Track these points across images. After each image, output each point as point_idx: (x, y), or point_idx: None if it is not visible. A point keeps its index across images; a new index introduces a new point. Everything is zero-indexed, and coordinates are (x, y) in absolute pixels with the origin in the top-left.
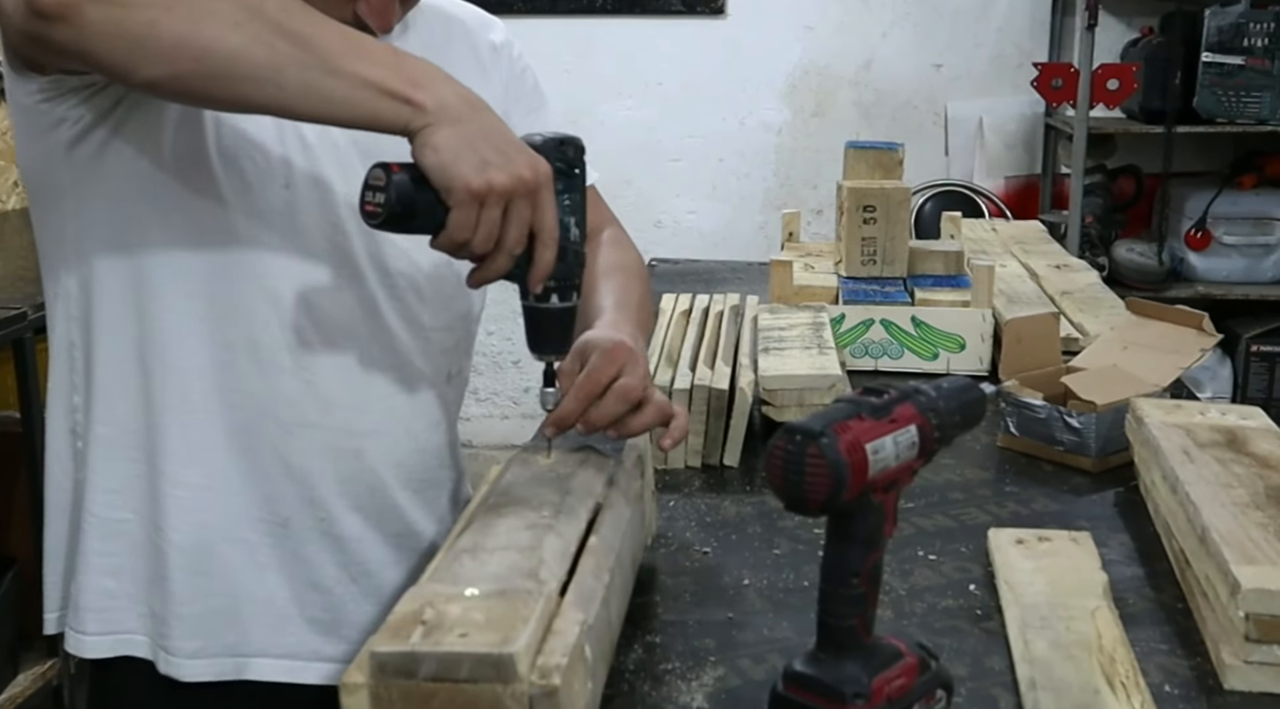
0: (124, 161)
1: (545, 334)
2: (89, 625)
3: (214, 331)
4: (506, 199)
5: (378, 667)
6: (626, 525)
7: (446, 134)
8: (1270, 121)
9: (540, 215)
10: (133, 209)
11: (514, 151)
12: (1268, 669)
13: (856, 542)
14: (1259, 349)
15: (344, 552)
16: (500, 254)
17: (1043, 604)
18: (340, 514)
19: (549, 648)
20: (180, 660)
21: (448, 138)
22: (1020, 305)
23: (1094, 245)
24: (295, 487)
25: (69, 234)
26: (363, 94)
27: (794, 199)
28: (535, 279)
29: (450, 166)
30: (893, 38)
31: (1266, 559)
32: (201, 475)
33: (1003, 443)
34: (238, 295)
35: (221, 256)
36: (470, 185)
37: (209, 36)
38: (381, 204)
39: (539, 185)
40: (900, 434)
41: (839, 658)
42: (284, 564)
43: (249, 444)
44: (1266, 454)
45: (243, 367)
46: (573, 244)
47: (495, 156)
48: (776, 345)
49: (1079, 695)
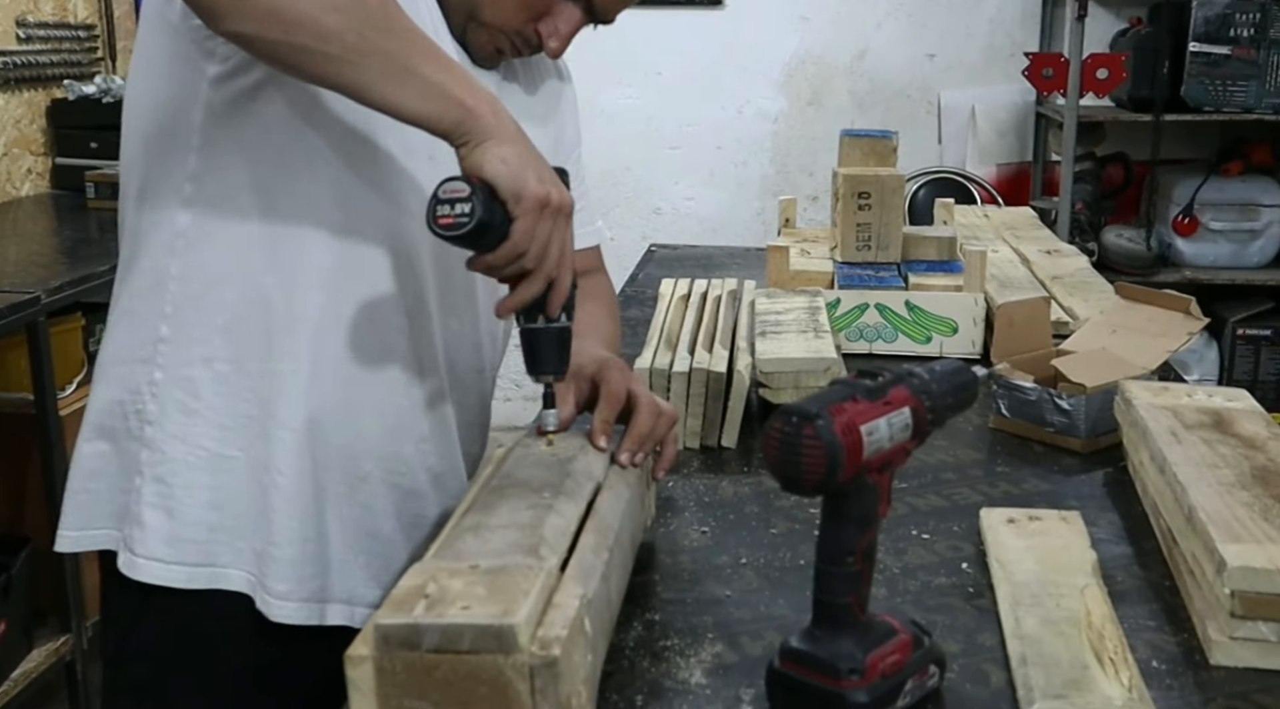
0: (274, 113)
1: (547, 354)
2: (189, 556)
3: (342, 285)
4: (554, 217)
5: (382, 639)
6: (626, 506)
7: (510, 148)
8: (1256, 110)
9: (567, 239)
10: (277, 159)
11: (551, 174)
12: (1253, 645)
13: (851, 521)
14: (1245, 333)
15: (406, 502)
16: (539, 275)
17: (1033, 582)
18: (416, 471)
19: (549, 620)
20: (273, 601)
21: (512, 152)
22: (1012, 290)
23: (1084, 231)
24: (387, 442)
25: (188, 169)
26: (434, 93)
27: (790, 186)
28: (555, 302)
29: (519, 177)
30: (887, 28)
31: (1252, 538)
32: (307, 421)
33: (994, 424)
34: (371, 256)
35: (361, 218)
36: (538, 195)
37: (306, 13)
38: (468, 214)
39: (571, 209)
40: (894, 416)
41: (834, 635)
42: (355, 515)
43: (357, 397)
44: (1252, 435)
45: (361, 324)
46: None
47: (543, 173)
48: (773, 329)
49: (1068, 671)
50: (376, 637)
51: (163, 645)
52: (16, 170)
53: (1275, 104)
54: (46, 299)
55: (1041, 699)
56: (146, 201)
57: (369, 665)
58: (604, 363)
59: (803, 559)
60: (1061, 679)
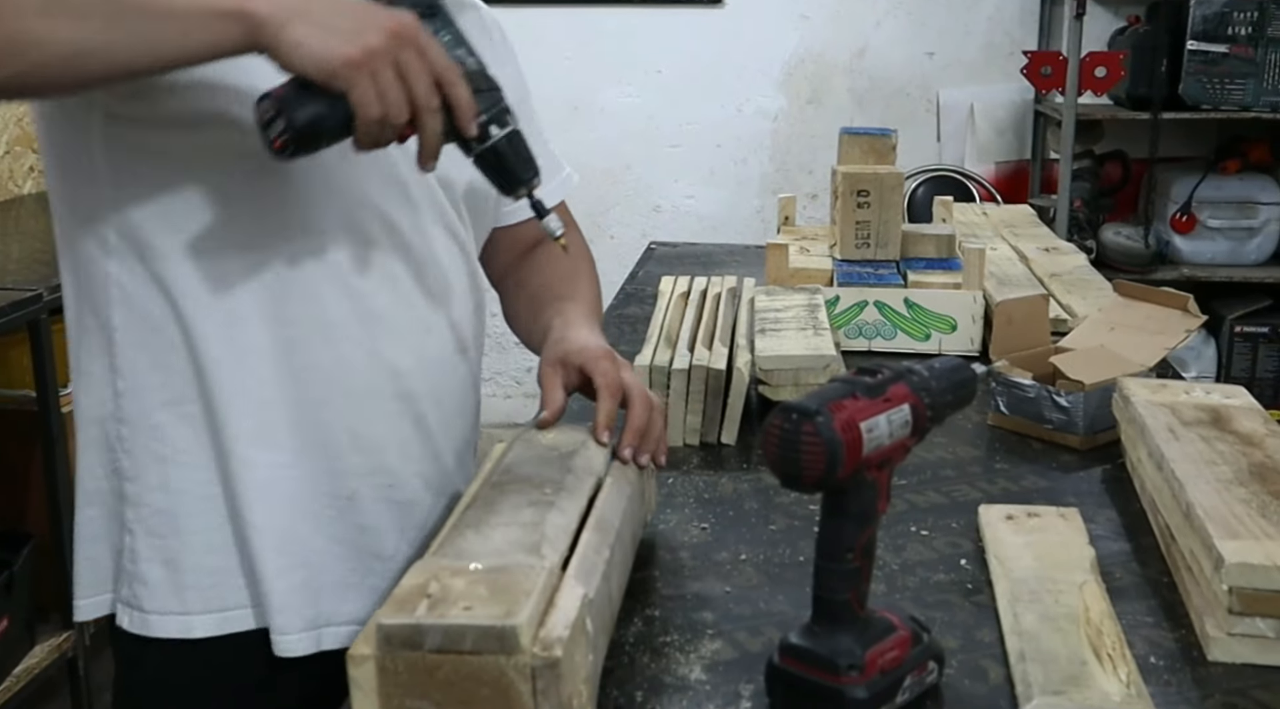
0: (173, 143)
1: (508, 167)
2: (194, 605)
3: (281, 309)
4: (392, 57)
5: (384, 638)
6: (627, 502)
7: (299, 28)
8: (1254, 108)
9: (431, 59)
10: (187, 193)
11: (369, 14)
12: (1250, 641)
13: (851, 518)
14: (1242, 330)
15: (406, 517)
16: (422, 115)
17: (1032, 578)
18: (406, 479)
19: (551, 621)
20: (275, 637)
21: (303, 31)
22: (1010, 287)
23: (1082, 229)
24: (364, 457)
25: (105, 215)
26: (194, 25)
27: (790, 184)
28: (465, 119)
29: (321, 52)
30: (886, 26)
31: (1249, 534)
32: (272, 455)
33: (993, 421)
34: (305, 273)
35: (283, 235)
36: (350, 57)
37: (30, 31)
38: (285, 128)
39: (413, 31)
40: (894, 413)
41: (834, 631)
42: (350, 536)
43: (319, 418)
44: (1249, 432)
45: (311, 342)
46: (478, 72)
47: (355, 24)
48: (773, 326)
49: (1067, 667)
50: (379, 636)
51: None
52: (19, 168)
53: (1273, 102)
54: (49, 296)
55: (1040, 695)
56: (77, 253)
57: (371, 665)
58: (590, 352)
59: (802, 556)
60: (1060, 675)
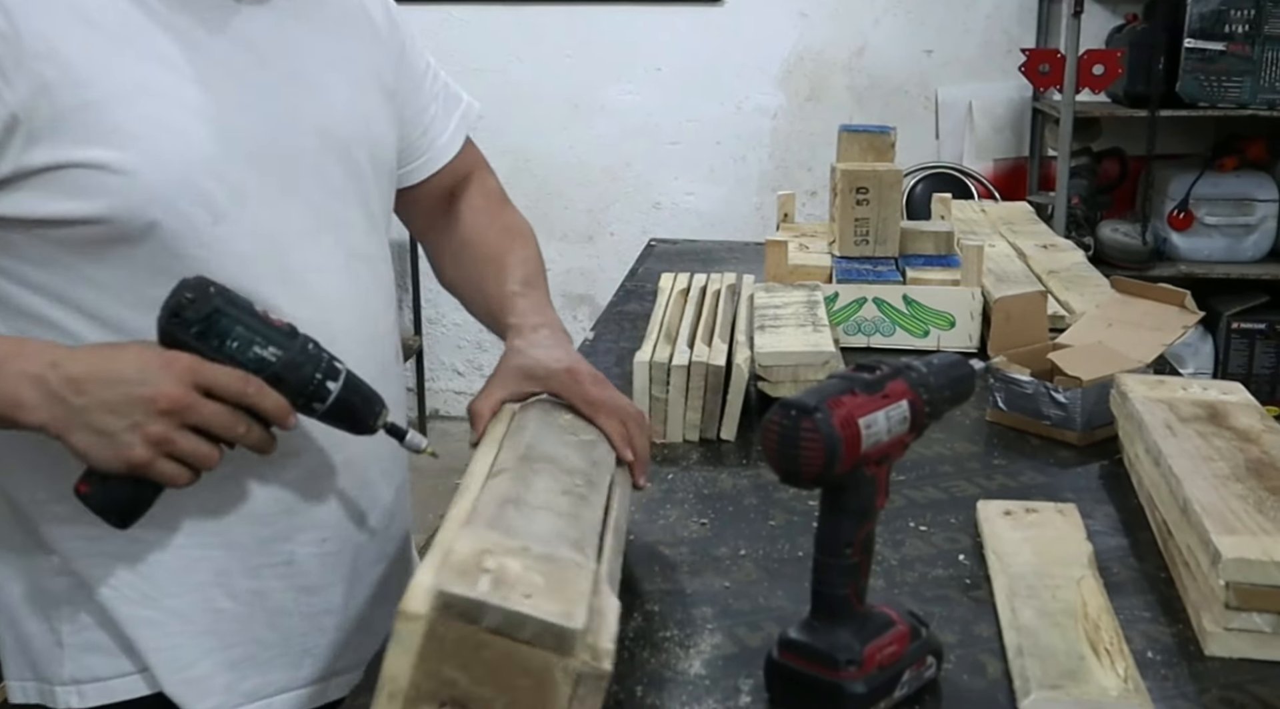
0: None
1: (357, 414)
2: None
3: None
4: (176, 426)
5: (443, 605)
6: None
7: (78, 437)
8: (1250, 105)
9: (221, 394)
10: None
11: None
12: (1247, 635)
13: (849, 513)
14: (1239, 326)
15: (345, 564)
16: (240, 442)
17: (1030, 573)
18: (343, 530)
19: (595, 627)
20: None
21: (83, 439)
22: (1008, 284)
23: (1080, 226)
24: (295, 519)
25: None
26: None
27: (789, 181)
28: (281, 420)
29: (109, 457)
30: (885, 24)
31: (1246, 530)
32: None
33: (991, 417)
34: None
35: None
36: (135, 458)
37: None
38: (104, 509)
39: (185, 390)
40: (892, 409)
41: (832, 626)
42: (295, 600)
43: (238, 491)
44: (1246, 428)
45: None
46: (275, 363)
47: (128, 416)
48: (772, 323)
49: (1064, 661)
50: (438, 602)
51: None
52: None
53: (1269, 100)
54: None
55: (1038, 689)
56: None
57: (421, 625)
58: (558, 373)
59: (801, 551)
60: (1058, 670)
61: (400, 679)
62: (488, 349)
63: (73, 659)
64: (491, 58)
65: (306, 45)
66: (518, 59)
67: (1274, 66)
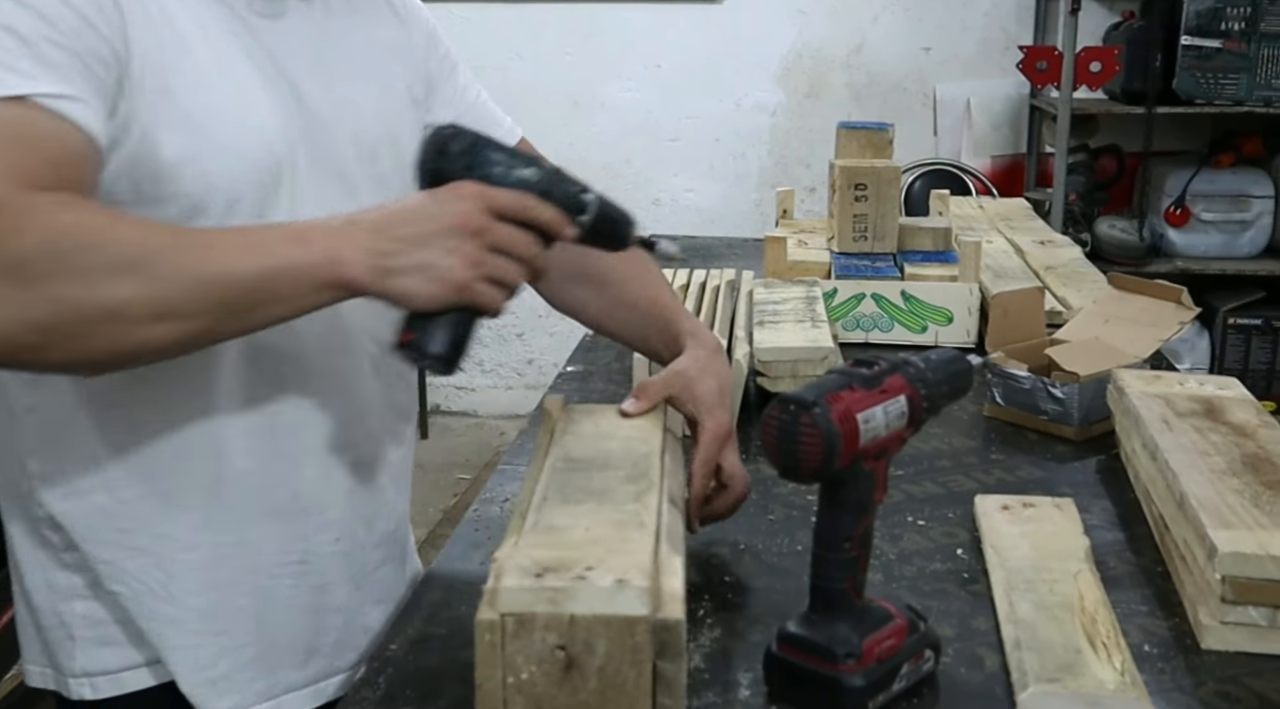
0: None
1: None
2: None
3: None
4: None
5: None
6: None
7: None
8: (1247, 102)
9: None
10: None
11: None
12: (1243, 629)
13: (848, 508)
14: (1235, 322)
15: (353, 564)
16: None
17: (1027, 567)
18: (352, 530)
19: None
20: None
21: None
22: (1006, 280)
23: (1077, 222)
24: (310, 518)
25: None
26: (297, 300)
27: (788, 177)
28: (560, 232)
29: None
30: (883, 22)
31: (1242, 524)
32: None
33: (989, 412)
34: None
35: None
36: (459, 282)
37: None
38: (434, 362)
39: (480, 209)
40: (890, 404)
41: (831, 620)
42: (306, 599)
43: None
44: (1242, 423)
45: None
46: (542, 177)
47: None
48: (771, 319)
49: (1062, 655)
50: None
51: None
52: None
53: (1266, 97)
54: None
55: (1035, 683)
56: None
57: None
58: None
59: (800, 545)
60: (1055, 663)
61: None
62: (486, 345)
63: (84, 652)
64: (492, 55)
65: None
66: (518, 56)
67: (1270, 63)
